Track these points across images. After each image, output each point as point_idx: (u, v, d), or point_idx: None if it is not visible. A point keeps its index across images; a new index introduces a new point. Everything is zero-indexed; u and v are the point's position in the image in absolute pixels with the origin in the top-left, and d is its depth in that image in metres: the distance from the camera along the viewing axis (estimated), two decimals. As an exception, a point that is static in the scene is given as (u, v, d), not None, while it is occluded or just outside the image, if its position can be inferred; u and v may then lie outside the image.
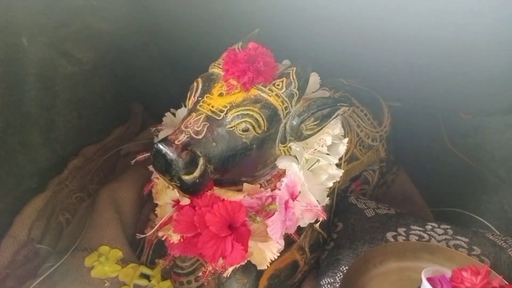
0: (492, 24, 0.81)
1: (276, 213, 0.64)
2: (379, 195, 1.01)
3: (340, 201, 0.88)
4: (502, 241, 0.78)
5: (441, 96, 1.16)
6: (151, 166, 0.75)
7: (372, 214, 0.85)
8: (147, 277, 0.77)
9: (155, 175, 0.73)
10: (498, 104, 1.14)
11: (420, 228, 0.81)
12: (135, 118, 1.14)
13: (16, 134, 0.87)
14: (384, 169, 0.99)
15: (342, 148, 0.68)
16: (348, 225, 0.83)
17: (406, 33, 0.88)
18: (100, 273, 0.74)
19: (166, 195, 0.69)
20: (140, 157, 0.71)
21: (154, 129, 0.76)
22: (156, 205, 0.89)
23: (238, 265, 0.65)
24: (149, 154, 0.70)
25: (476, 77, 1.02)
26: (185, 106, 0.76)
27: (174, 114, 0.78)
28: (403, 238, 0.79)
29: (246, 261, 0.66)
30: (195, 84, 0.65)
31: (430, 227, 0.81)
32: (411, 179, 1.14)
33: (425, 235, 0.79)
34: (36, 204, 0.86)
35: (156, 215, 0.81)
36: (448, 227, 0.81)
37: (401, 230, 0.81)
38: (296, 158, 0.67)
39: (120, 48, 1.06)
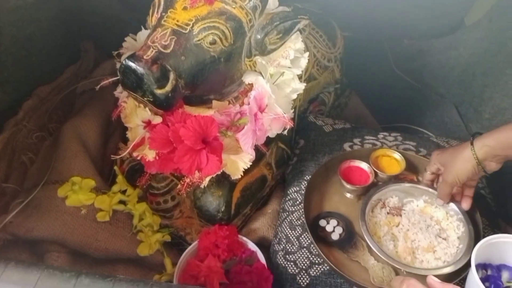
0: None
1: (246, 125, 0.68)
2: (334, 116, 1.08)
3: (300, 121, 0.93)
4: (444, 142, 0.88)
5: (387, 24, 1.22)
6: (118, 90, 0.76)
7: (330, 130, 0.91)
8: (123, 203, 0.79)
9: (123, 99, 0.73)
10: (439, 27, 1.22)
11: (373, 137, 0.89)
12: (87, 56, 1.10)
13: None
14: (339, 91, 1.04)
15: (304, 61, 0.72)
16: (309, 140, 0.89)
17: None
18: (75, 201, 0.75)
19: (137, 117, 0.70)
20: (105, 82, 0.70)
21: (116, 53, 0.75)
22: (124, 132, 0.90)
23: (214, 175, 0.68)
24: (114, 78, 0.71)
25: (417, 2, 1.08)
26: (146, 28, 0.76)
27: (135, 40, 0.76)
28: (359, 146, 0.87)
29: (220, 173, 0.70)
30: (156, 0, 0.64)
31: (381, 135, 0.89)
32: (362, 102, 1.21)
33: (378, 143, 0.87)
34: (-5, 146, 0.84)
35: (124, 143, 0.82)
36: (398, 134, 0.90)
37: (356, 140, 0.88)
38: (261, 73, 0.70)
39: (65, -19, 1.00)
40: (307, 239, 0.73)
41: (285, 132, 0.71)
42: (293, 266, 0.70)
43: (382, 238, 0.69)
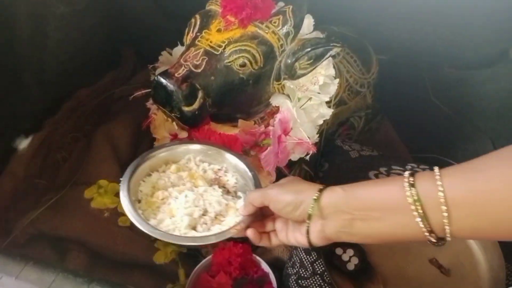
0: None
1: (269, 146, 0.68)
2: (364, 141, 1.06)
3: (327, 144, 0.92)
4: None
5: (427, 50, 1.19)
6: (149, 102, 0.78)
7: (357, 156, 0.90)
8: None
9: (153, 111, 0.76)
10: (480, 57, 1.19)
11: (401, 168, 0.86)
12: (126, 62, 1.14)
13: (8, 74, 0.87)
14: (370, 116, 1.03)
15: (333, 88, 0.72)
16: (334, 165, 0.88)
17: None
18: (99, 203, 0.78)
19: (164, 129, 0.72)
20: (138, 93, 0.73)
21: (151, 66, 0.78)
22: (152, 142, 0.93)
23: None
24: (147, 90, 0.73)
25: (460, 30, 1.05)
26: (182, 45, 0.78)
27: (170, 54, 0.79)
28: (384, 176, 0.85)
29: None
30: (193, 20, 0.67)
31: (410, 167, 0.87)
32: (394, 128, 1.19)
33: (405, 174, 0.85)
34: (33, 142, 0.88)
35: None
36: (427, 167, 0.87)
37: (382, 169, 0.86)
38: (289, 96, 0.70)
39: (111, -10, 1.05)
40: (321, 266, 0.72)
41: (307, 158, 0.71)
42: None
43: None
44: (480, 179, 0.41)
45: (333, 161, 0.89)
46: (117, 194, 0.80)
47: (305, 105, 0.71)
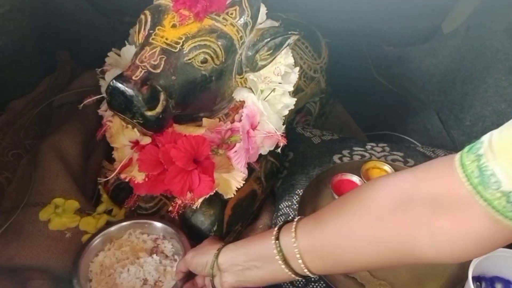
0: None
1: (238, 143, 0.66)
2: (320, 126, 1.08)
3: (288, 133, 0.92)
4: (430, 152, 0.89)
5: (365, 29, 1.23)
6: (102, 108, 0.73)
7: (319, 141, 0.91)
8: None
9: (108, 118, 0.70)
10: (416, 34, 1.25)
11: (361, 148, 0.89)
12: (63, 67, 1.05)
13: None
14: (324, 100, 1.04)
15: (294, 77, 0.71)
16: (298, 153, 0.89)
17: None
18: (58, 224, 0.71)
19: (124, 137, 0.67)
20: (88, 100, 0.67)
21: (99, 70, 0.72)
22: (103, 152, 0.87)
23: (207, 196, 0.67)
24: (98, 96, 0.68)
25: (394, 9, 1.09)
26: (129, 43, 0.73)
27: (118, 54, 0.74)
28: (348, 158, 0.87)
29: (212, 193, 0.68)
30: (142, 17, 0.62)
31: (369, 146, 0.90)
32: (345, 109, 1.22)
33: (366, 154, 0.88)
34: (-33, 165, 0.79)
35: (107, 161, 0.79)
36: (385, 145, 0.90)
37: (345, 152, 0.88)
38: (251, 89, 0.69)
39: (37, -11, 0.95)
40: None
41: (279, 150, 0.70)
42: (289, 284, 0.69)
43: None
44: (320, 229, 0.50)
45: (297, 149, 0.89)
46: (76, 212, 0.74)
47: (269, 96, 0.70)
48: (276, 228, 0.55)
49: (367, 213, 0.47)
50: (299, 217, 0.55)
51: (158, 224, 0.72)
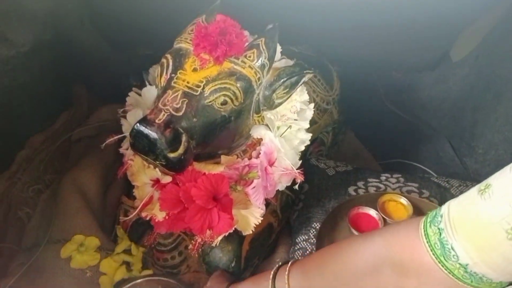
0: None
1: (256, 180, 0.67)
2: (332, 155, 1.09)
3: (302, 164, 0.93)
4: (445, 182, 0.89)
5: (375, 57, 1.25)
6: (124, 147, 0.74)
7: (333, 173, 0.92)
8: (127, 263, 0.76)
9: (129, 156, 0.72)
10: (424, 61, 1.26)
11: (376, 180, 0.89)
12: (79, 101, 1.08)
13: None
14: (337, 130, 1.06)
15: (309, 113, 0.73)
16: (314, 185, 0.89)
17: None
18: (80, 263, 0.72)
19: (145, 175, 0.69)
20: (110, 139, 0.69)
21: (121, 110, 0.74)
22: (122, 188, 0.88)
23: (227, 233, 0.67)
24: (120, 136, 0.70)
25: (402, 37, 1.11)
26: (150, 83, 0.75)
27: (138, 94, 0.76)
28: (363, 190, 0.87)
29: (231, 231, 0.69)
30: (164, 60, 0.64)
31: (384, 177, 0.90)
32: (356, 136, 1.23)
33: (381, 185, 0.88)
34: (-12, 202, 0.80)
35: (128, 197, 0.81)
36: (399, 175, 0.91)
37: (360, 183, 0.89)
38: (268, 126, 0.70)
39: (56, 28, 0.99)
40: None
41: (296, 187, 0.71)
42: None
43: None
44: (309, 284, 0.59)
45: (312, 181, 0.89)
46: (97, 249, 0.75)
47: (285, 133, 0.71)
48: (272, 272, 0.63)
49: (346, 272, 0.54)
50: (290, 262, 0.63)
51: (156, 279, 0.75)
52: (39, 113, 1.00)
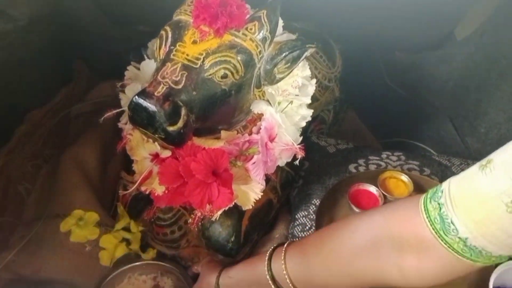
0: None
1: (256, 155, 0.67)
2: (333, 133, 1.08)
3: (303, 142, 0.92)
4: (446, 161, 0.89)
5: (378, 35, 1.23)
6: (122, 122, 0.74)
7: (334, 150, 0.91)
8: (126, 240, 0.77)
9: (128, 131, 0.71)
10: (428, 40, 1.24)
11: (377, 157, 0.89)
12: (80, 77, 1.07)
13: None
14: (338, 108, 1.05)
15: (311, 89, 0.72)
16: (314, 162, 0.89)
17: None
18: (79, 237, 0.72)
19: (144, 150, 0.68)
20: (108, 114, 0.68)
21: (119, 84, 0.73)
22: (122, 163, 0.88)
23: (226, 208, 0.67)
24: (118, 110, 0.69)
25: (406, 15, 1.09)
26: (139, 57, 0.74)
27: (137, 68, 0.74)
28: (364, 168, 0.87)
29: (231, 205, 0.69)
30: (163, 33, 0.63)
31: (385, 155, 0.90)
32: (358, 115, 1.22)
33: (382, 163, 0.88)
34: (-13, 177, 0.80)
35: (126, 172, 0.81)
36: (401, 153, 0.90)
37: (360, 161, 0.89)
38: (269, 101, 0.69)
39: (55, 2, 0.97)
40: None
41: (297, 162, 0.71)
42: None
43: None
44: (307, 263, 0.58)
45: (312, 158, 0.89)
46: (96, 224, 0.75)
47: (286, 108, 0.70)
48: (267, 255, 0.63)
49: (345, 250, 0.54)
50: (287, 243, 0.63)
51: (154, 263, 0.77)
52: (38, 89, 0.99)
